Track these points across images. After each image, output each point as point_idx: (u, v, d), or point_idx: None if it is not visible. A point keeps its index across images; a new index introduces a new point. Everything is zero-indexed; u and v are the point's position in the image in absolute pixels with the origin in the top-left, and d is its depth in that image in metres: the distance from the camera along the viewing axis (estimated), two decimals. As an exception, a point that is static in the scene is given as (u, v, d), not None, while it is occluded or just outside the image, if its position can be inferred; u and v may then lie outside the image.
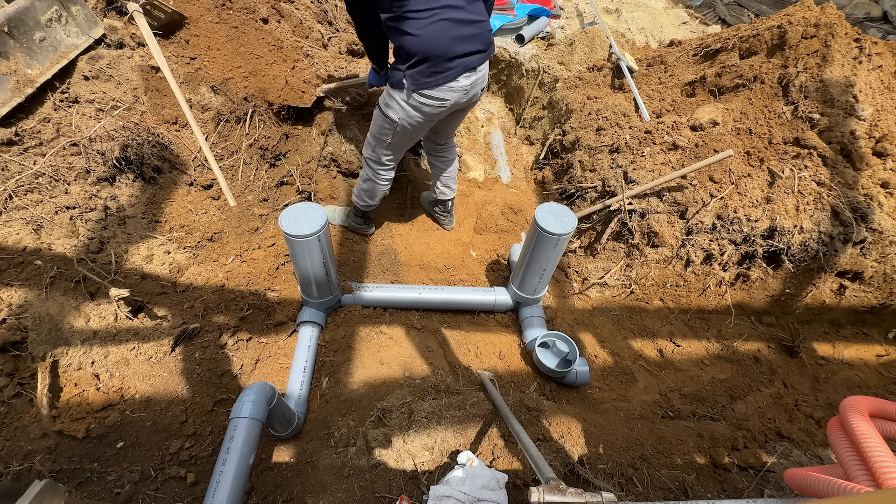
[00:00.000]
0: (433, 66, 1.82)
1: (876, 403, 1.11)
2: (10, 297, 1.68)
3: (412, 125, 2.03)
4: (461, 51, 1.83)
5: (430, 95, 1.90)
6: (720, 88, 2.70)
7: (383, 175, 2.37)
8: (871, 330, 2.50)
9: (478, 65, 1.93)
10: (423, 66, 1.82)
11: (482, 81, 2.03)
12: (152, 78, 2.32)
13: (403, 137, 2.14)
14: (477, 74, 1.95)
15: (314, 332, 2.10)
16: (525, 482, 1.58)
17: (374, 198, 2.49)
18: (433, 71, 1.83)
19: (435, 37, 1.76)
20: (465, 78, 1.90)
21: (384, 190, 2.46)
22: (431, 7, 1.72)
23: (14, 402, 1.60)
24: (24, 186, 1.86)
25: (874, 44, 2.44)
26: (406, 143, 2.22)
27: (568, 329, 2.41)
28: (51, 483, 0.80)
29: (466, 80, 1.92)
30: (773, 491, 1.67)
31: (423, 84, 1.86)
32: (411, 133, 2.11)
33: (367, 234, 2.77)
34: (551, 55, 3.66)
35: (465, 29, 1.82)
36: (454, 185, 2.70)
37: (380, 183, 2.39)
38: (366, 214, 2.65)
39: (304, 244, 1.82)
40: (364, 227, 2.73)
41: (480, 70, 1.96)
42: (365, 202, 2.52)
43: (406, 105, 1.95)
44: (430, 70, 1.83)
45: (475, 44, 1.87)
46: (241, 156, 2.51)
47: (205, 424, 1.77)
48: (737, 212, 2.27)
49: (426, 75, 1.84)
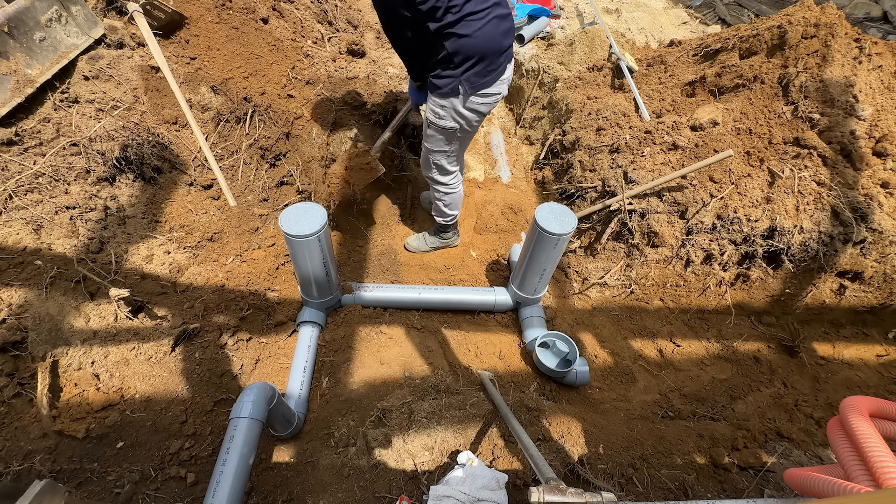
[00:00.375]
0: (489, 65, 1.83)
1: (876, 403, 1.11)
2: (10, 297, 1.68)
3: (472, 126, 2.04)
4: (507, 44, 1.86)
5: (487, 94, 1.91)
6: (720, 88, 2.70)
7: (455, 182, 2.39)
8: (871, 330, 2.49)
9: (512, 54, 1.97)
10: (480, 67, 1.82)
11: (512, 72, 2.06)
12: (152, 78, 2.32)
13: (465, 140, 2.17)
14: (512, 63, 1.99)
15: (314, 332, 2.10)
16: (525, 482, 1.58)
17: (457, 207, 2.53)
18: (489, 69, 1.84)
19: (491, 35, 1.77)
20: (508, 69, 1.95)
21: (462, 194, 2.49)
22: (485, 7, 1.72)
23: (14, 402, 1.60)
24: (24, 186, 1.86)
25: (874, 44, 2.44)
26: (465, 144, 2.24)
27: (568, 329, 2.41)
28: (51, 483, 0.80)
29: (509, 71, 1.96)
30: (773, 491, 1.67)
31: (481, 84, 1.86)
32: (471, 133, 2.13)
33: (456, 244, 2.79)
34: (551, 55, 3.66)
35: (507, 22, 1.84)
36: None
37: (456, 190, 2.42)
38: (453, 226, 2.69)
39: (304, 244, 1.82)
40: (454, 237, 2.75)
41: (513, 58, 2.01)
42: (452, 215, 2.55)
43: (463, 110, 1.93)
44: (486, 69, 1.83)
45: (512, 35, 1.91)
46: (241, 156, 2.51)
47: (205, 424, 1.77)
48: (737, 212, 2.27)
49: (483, 75, 1.84)
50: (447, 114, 1.96)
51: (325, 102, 2.83)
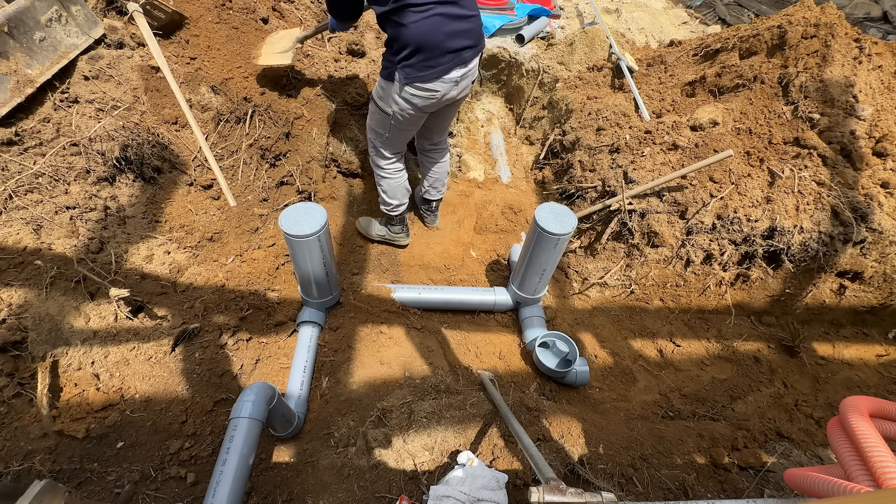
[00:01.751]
0: (426, 60, 1.83)
1: (876, 403, 1.11)
2: (10, 297, 1.67)
3: (405, 117, 2.04)
4: (453, 46, 1.84)
5: (421, 87, 1.90)
6: (720, 88, 2.69)
7: (391, 169, 2.37)
8: (871, 330, 2.49)
9: (469, 60, 1.93)
10: (415, 59, 1.83)
11: (472, 74, 2.03)
12: (152, 78, 2.32)
13: (399, 130, 2.15)
14: (468, 68, 1.96)
15: (314, 332, 2.10)
16: (525, 482, 1.58)
17: (396, 195, 2.48)
18: (426, 65, 1.84)
19: (429, 30, 1.77)
20: (456, 72, 1.92)
21: (403, 184, 2.45)
22: (427, 2, 1.73)
23: (14, 402, 1.60)
24: (24, 186, 1.86)
25: (874, 44, 2.44)
26: (403, 135, 2.22)
27: (568, 329, 2.41)
28: (51, 483, 0.80)
29: (457, 73, 1.93)
30: (773, 491, 1.67)
31: (416, 78, 1.86)
32: (406, 124, 2.11)
33: (404, 243, 2.74)
34: (551, 55, 3.65)
35: (458, 24, 1.82)
36: (442, 187, 2.68)
37: (393, 177, 2.39)
38: (401, 220, 2.64)
39: (304, 244, 1.82)
40: (401, 235, 2.69)
41: (471, 64, 1.97)
42: (391, 204, 2.51)
43: (398, 97, 1.95)
44: (422, 64, 1.84)
45: (467, 39, 1.87)
46: (241, 156, 2.51)
47: (205, 424, 1.77)
48: (737, 212, 2.27)
49: (419, 69, 1.85)
50: (385, 96, 2.00)
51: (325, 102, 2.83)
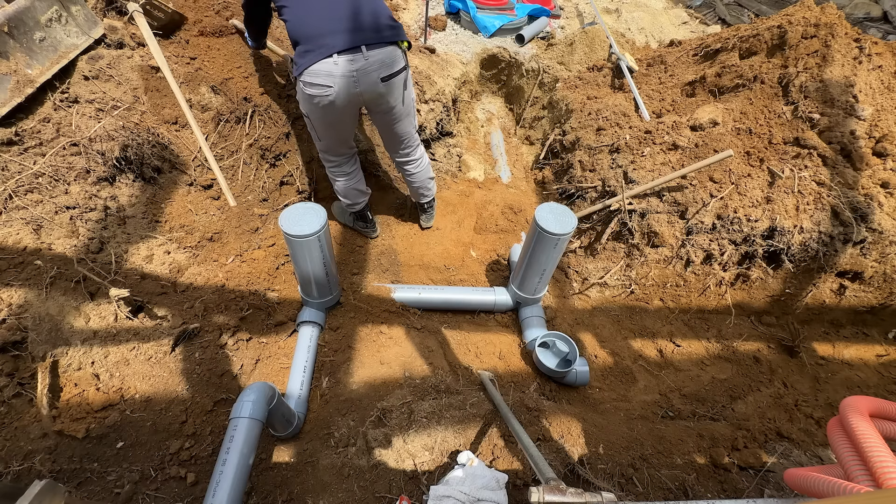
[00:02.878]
0: (306, 45, 1.79)
1: (876, 403, 1.11)
2: (10, 297, 1.67)
3: (316, 118, 2.00)
4: (332, 28, 1.77)
5: (311, 83, 1.83)
6: (720, 88, 2.70)
7: (336, 172, 2.34)
8: (871, 330, 2.50)
9: (361, 45, 1.78)
10: (300, 48, 1.80)
11: (376, 69, 1.85)
12: (152, 78, 2.32)
13: (320, 129, 2.08)
14: (365, 60, 1.80)
15: (314, 332, 2.10)
16: (525, 482, 1.58)
17: (348, 197, 2.46)
18: (306, 50, 1.79)
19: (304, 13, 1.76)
20: (348, 62, 1.78)
21: (352, 187, 2.40)
22: None
23: (14, 402, 1.60)
24: (24, 186, 1.86)
25: (874, 44, 2.44)
26: (329, 135, 2.11)
27: (568, 329, 2.41)
28: (51, 483, 0.80)
29: (351, 65, 1.78)
30: (773, 491, 1.67)
31: (302, 66, 1.81)
32: (324, 126, 2.05)
33: (371, 236, 2.77)
34: (551, 55, 3.66)
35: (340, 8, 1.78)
36: (428, 191, 2.64)
37: (339, 179, 2.36)
38: (362, 216, 2.65)
39: (304, 244, 1.82)
40: (366, 229, 2.73)
41: (371, 56, 1.81)
42: (347, 202, 2.52)
43: (301, 93, 1.92)
44: (304, 49, 1.80)
45: (352, 22, 1.79)
46: (241, 156, 2.51)
47: (205, 424, 1.77)
48: (737, 212, 2.27)
49: (301, 55, 1.81)
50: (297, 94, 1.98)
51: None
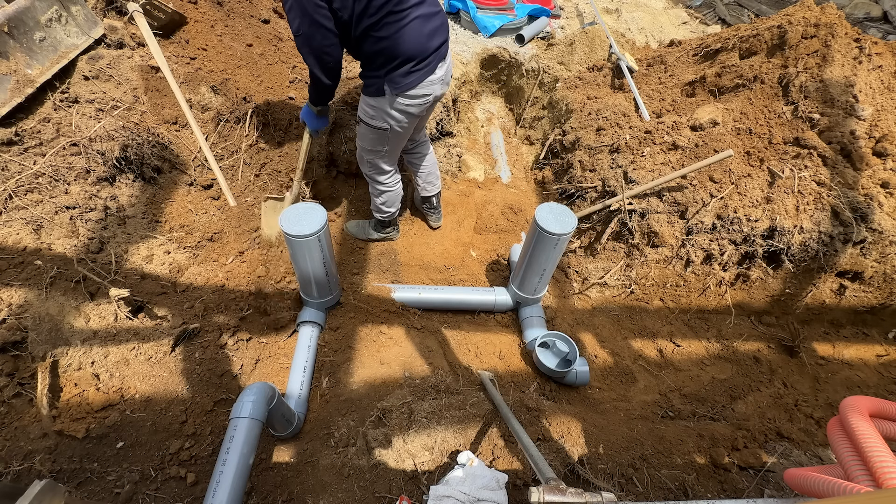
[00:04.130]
0: (414, 66, 1.81)
1: (876, 403, 1.11)
2: (10, 297, 1.68)
3: (403, 128, 2.02)
4: (434, 45, 1.83)
5: (413, 95, 1.88)
6: (720, 88, 2.69)
7: (391, 181, 2.37)
8: (871, 330, 2.49)
9: (446, 54, 1.93)
10: (404, 68, 1.81)
11: (451, 66, 2.04)
12: (152, 78, 2.32)
13: (397, 142, 2.13)
14: (447, 62, 1.96)
15: (314, 332, 2.10)
16: (525, 482, 1.58)
17: (394, 205, 2.50)
18: (412, 70, 1.82)
19: (413, 35, 1.75)
20: (440, 69, 1.91)
21: (400, 193, 2.47)
22: (405, 7, 1.70)
23: (14, 402, 1.60)
24: (24, 186, 1.86)
25: (874, 44, 2.44)
26: (400, 145, 2.21)
27: (568, 329, 2.41)
28: (51, 483, 0.80)
29: (441, 71, 1.92)
30: (773, 491, 1.67)
31: (405, 86, 1.84)
32: (403, 135, 2.10)
33: (395, 239, 2.80)
34: (551, 55, 3.65)
35: (434, 22, 1.81)
36: (436, 179, 2.68)
37: (392, 189, 2.40)
38: (392, 223, 2.67)
39: (304, 244, 1.82)
40: (393, 234, 2.75)
41: (448, 58, 1.97)
42: (389, 212, 2.53)
43: (391, 110, 1.92)
44: (410, 70, 1.82)
45: (443, 34, 1.87)
46: (241, 156, 2.51)
47: (205, 424, 1.77)
48: (737, 212, 2.27)
49: (405, 75, 1.82)
50: (377, 114, 1.95)
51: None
